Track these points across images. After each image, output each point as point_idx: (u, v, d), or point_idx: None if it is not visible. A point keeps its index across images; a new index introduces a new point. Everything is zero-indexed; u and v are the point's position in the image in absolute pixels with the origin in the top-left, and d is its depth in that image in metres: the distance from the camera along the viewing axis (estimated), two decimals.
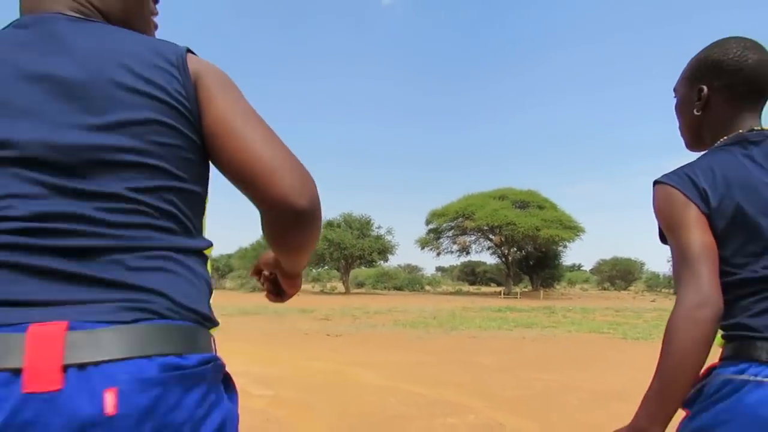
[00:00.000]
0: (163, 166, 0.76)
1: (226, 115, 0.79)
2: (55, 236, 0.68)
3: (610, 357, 7.86)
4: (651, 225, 1.22)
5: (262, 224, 0.83)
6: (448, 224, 42.68)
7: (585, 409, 4.53)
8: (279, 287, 1.08)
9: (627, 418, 1.10)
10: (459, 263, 65.68)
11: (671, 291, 39.32)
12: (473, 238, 44.47)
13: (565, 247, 42.43)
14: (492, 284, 63.78)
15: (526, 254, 45.66)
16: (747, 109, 1.17)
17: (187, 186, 0.79)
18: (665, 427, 1.03)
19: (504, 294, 38.04)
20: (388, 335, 10.46)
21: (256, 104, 0.83)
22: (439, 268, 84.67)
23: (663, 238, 1.18)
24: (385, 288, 46.35)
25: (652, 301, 30.12)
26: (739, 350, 1.04)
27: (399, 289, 46.10)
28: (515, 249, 44.27)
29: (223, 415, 0.73)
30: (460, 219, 41.04)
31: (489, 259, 56.26)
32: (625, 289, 49.76)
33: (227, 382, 0.80)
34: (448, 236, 44.32)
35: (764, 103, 1.18)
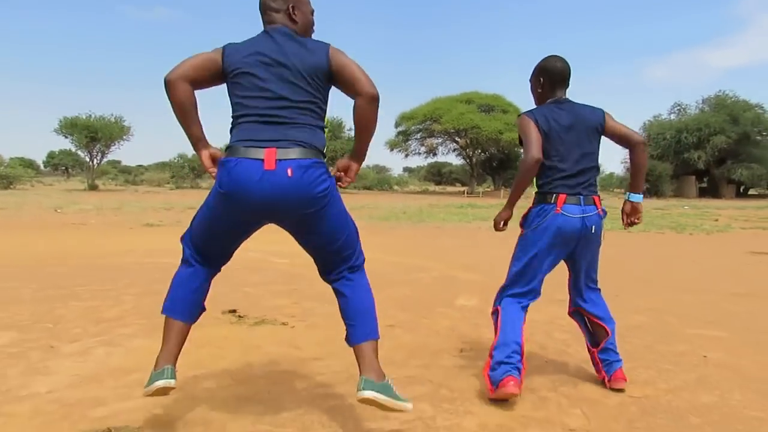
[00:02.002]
0: (312, 92, 1.99)
1: (343, 62, 2.00)
2: (283, 119, 1.96)
3: None
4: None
5: (354, 110, 1.99)
6: (417, 127, 43.78)
7: None
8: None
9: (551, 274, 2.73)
10: (426, 164, 67.02)
11: (622, 190, 42.01)
12: (440, 140, 45.88)
13: None
14: (457, 184, 66.17)
15: (490, 156, 47.56)
16: (558, 88, 2.68)
17: (320, 102, 2.03)
18: (512, 208, 2.64)
19: (467, 193, 40.25)
20: (366, 226, 12.20)
21: None
22: (406, 169, 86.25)
23: (520, 143, 2.70)
24: (355, 188, 47.98)
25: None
26: (542, 200, 2.60)
27: (368, 188, 47.79)
28: (479, 151, 46.09)
29: (330, 182, 1.98)
30: (428, 122, 42.14)
31: (455, 160, 57.86)
32: None
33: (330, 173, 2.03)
34: (416, 138, 45.61)
35: (568, 86, 2.71)
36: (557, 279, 3.02)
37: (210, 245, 2.12)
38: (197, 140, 2.10)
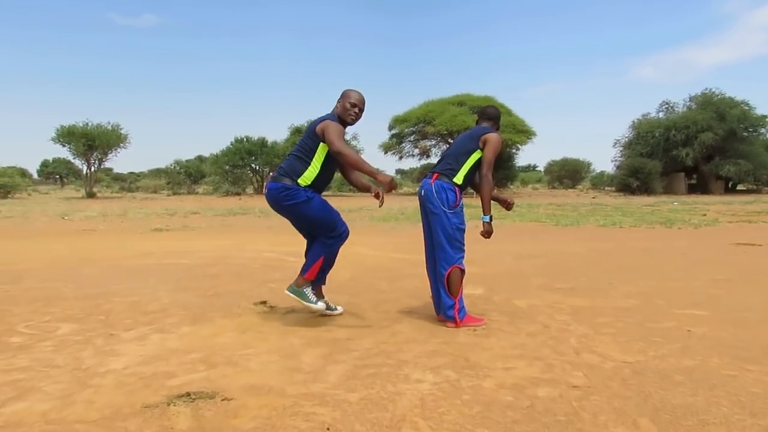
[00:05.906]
0: (307, 142, 3.69)
1: (327, 136, 3.53)
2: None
3: (540, 236, 10.27)
4: (602, 126, 3.42)
5: (339, 165, 3.83)
6: (410, 129, 44.16)
7: (512, 261, 6.80)
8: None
9: (542, 268, 3.18)
10: (419, 166, 67.42)
11: (613, 188, 42.59)
12: (433, 142, 46.16)
13: (517, 149, 44.82)
14: None
15: None
16: (481, 120, 3.92)
17: (311, 145, 3.66)
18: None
19: None
20: (368, 227, 12.62)
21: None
22: (399, 171, 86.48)
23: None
24: (349, 191, 48.35)
25: (593, 198, 33.08)
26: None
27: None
28: None
29: (294, 197, 3.59)
30: (421, 124, 42.45)
31: None
32: (572, 188, 53.29)
33: (308, 190, 3.64)
34: (409, 141, 45.97)
35: (490, 118, 3.95)
36: (557, 269, 3.42)
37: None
38: None
